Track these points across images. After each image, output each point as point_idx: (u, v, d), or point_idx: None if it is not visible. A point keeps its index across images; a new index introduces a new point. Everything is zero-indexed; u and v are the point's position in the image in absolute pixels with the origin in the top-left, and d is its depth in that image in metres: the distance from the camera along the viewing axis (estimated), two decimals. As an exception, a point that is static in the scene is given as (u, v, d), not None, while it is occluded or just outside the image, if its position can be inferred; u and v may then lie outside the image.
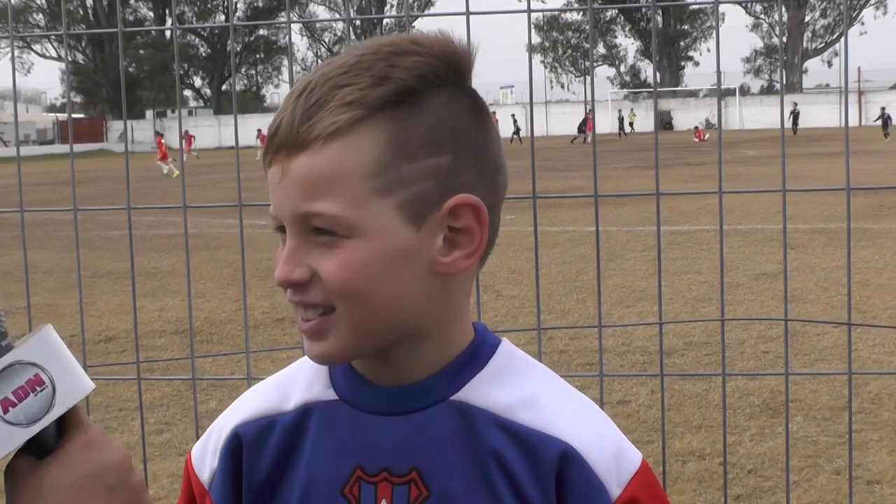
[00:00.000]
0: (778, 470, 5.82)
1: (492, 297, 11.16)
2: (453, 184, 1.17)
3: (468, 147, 1.19)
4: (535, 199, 2.62)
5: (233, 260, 14.60)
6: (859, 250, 13.17)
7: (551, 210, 19.32)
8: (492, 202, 1.21)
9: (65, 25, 3.03)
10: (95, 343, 9.57)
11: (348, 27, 2.89)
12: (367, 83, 1.15)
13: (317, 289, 1.16)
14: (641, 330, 9.15)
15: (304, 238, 1.17)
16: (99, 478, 1.09)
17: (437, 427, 1.21)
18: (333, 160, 1.14)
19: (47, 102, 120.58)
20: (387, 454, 1.22)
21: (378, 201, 1.15)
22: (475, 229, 1.19)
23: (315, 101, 1.16)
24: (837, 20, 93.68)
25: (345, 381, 1.26)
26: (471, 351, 1.25)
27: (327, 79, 1.17)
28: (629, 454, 1.24)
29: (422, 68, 1.17)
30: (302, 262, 1.17)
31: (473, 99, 1.22)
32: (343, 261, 1.15)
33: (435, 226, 1.17)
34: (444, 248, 1.18)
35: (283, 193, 1.17)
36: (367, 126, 1.14)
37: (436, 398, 1.22)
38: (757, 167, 30.74)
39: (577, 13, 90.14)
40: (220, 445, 1.31)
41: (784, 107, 2.76)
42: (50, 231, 19.01)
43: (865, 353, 8.24)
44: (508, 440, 1.20)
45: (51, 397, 1.05)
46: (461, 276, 1.21)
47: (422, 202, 1.16)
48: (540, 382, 1.25)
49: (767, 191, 2.69)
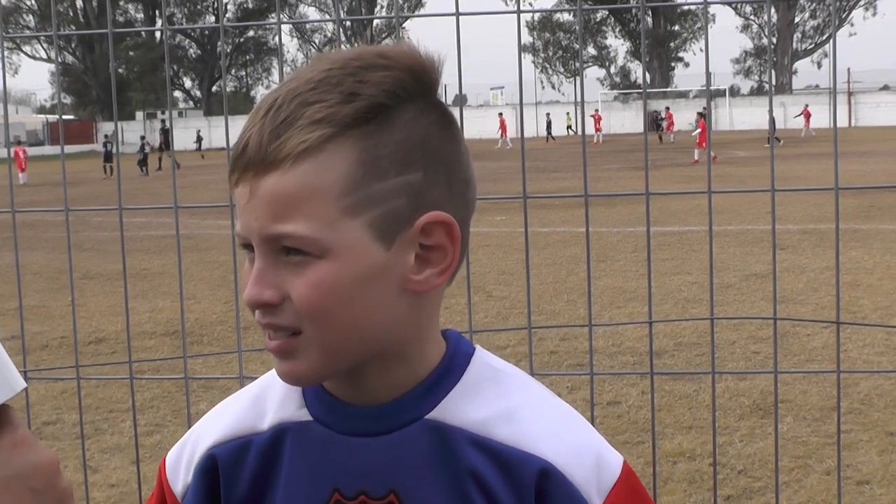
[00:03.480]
0: (768, 470, 5.83)
1: (482, 297, 11.16)
2: (424, 200, 1.15)
3: (438, 162, 1.17)
4: (525, 200, 2.63)
5: (224, 261, 14.59)
6: (849, 251, 13.20)
7: (542, 211, 19.33)
8: (462, 217, 1.19)
9: (54, 26, 3.03)
10: (86, 344, 9.55)
11: (338, 28, 2.89)
12: (336, 100, 1.13)
13: (287, 311, 1.15)
14: (631, 330, 9.16)
15: (273, 258, 1.14)
16: (24, 479, 1.05)
17: (414, 448, 1.20)
18: (303, 180, 1.12)
19: (37, 104, 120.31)
20: (363, 477, 1.20)
21: (348, 221, 1.13)
22: (447, 247, 1.17)
23: (283, 118, 1.13)
24: (827, 21, 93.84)
25: (318, 401, 1.24)
26: (443, 366, 1.23)
27: (295, 95, 1.14)
28: (609, 460, 1.21)
29: (391, 83, 1.15)
30: (272, 282, 1.14)
31: (441, 111, 1.20)
32: (314, 282, 1.13)
33: (406, 244, 1.15)
34: (415, 267, 1.16)
35: (251, 214, 1.14)
36: (337, 145, 1.12)
37: (410, 418, 1.20)
38: (746, 168, 30.81)
39: (568, 14, 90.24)
40: (195, 464, 1.30)
41: (773, 108, 2.77)
42: (40, 232, 18.97)
43: (855, 353, 8.26)
44: (486, 459, 1.18)
45: None
46: (432, 293, 1.20)
47: (393, 220, 1.14)
48: (516, 393, 1.23)
49: (757, 191, 2.70)
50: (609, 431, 6.52)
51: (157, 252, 16.21)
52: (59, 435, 7.02)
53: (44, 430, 7.11)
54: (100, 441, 6.86)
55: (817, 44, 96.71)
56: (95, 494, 5.93)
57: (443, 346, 1.25)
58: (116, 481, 6.15)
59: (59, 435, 7.02)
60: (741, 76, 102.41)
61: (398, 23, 2.83)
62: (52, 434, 7.04)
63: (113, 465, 6.42)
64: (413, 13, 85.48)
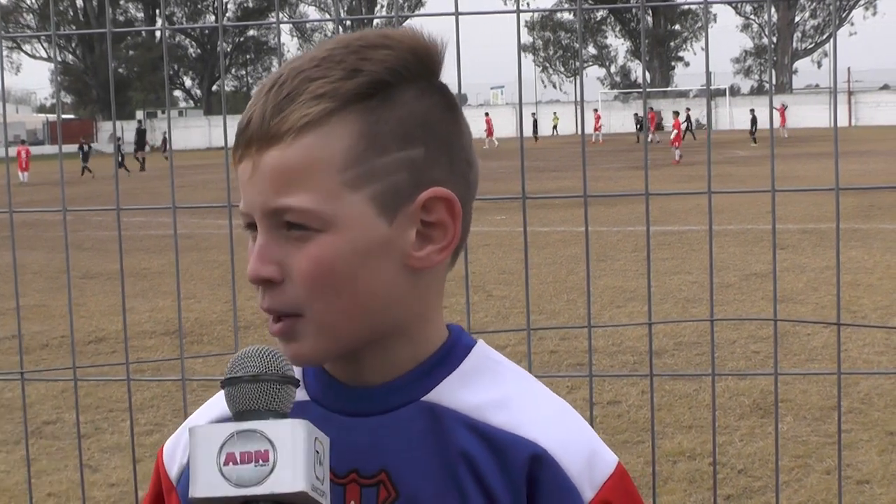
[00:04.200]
0: (768, 470, 5.83)
1: (482, 297, 11.16)
2: (425, 177, 1.16)
3: (440, 141, 1.18)
4: (524, 200, 2.62)
5: (223, 261, 14.58)
6: (849, 250, 13.20)
7: (541, 210, 19.33)
8: (463, 197, 1.20)
9: (53, 26, 3.02)
10: (85, 344, 9.55)
11: (338, 27, 2.89)
12: (339, 76, 1.14)
13: (287, 291, 1.15)
14: (631, 330, 9.16)
15: (275, 233, 1.15)
16: None
17: (407, 428, 1.20)
18: (305, 153, 1.13)
19: (37, 103, 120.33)
20: (356, 455, 1.21)
21: (350, 194, 1.14)
22: (448, 223, 1.18)
23: (286, 94, 1.14)
24: (827, 21, 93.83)
25: (316, 382, 1.25)
26: (443, 352, 1.23)
27: (298, 72, 1.16)
28: (604, 456, 1.21)
29: (393, 62, 1.16)
30: (274, 258, 1.15)
31: (444, 94, 1.21)
32: (315, 255, 1.14)
33: (408, 219, 1.16)
34: (416, 242, 1.17)
35: (254, 189, 1.15)
36: (339, 118, 1.13)
37: (406, 399, 1.21)
38: (746, 167, 30.78)
39: (568, 13, 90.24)
40: None
41: (773, 107, 2.76)
42: (40, 232, 18.97)
43: (855, 353, 8.26)
44: (478, 441, 1.19)
45: (266, 475, 1.07)
46: (433, 271, 1.20)
47: (394, 195, 1.15)
48: (512, 384, 1.24)
49: (757, 191, 2.70)
50: (609, 431, 6.52)
51: (156, 251, 16.21)
52: (59, 434, 7.02)
53: (44, 429, 7.11)
54: (100, 441, 6.86)
55: (817, 43, 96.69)
56: (95, 494, 5.93)
57: (445, 334, 1.25)
58: (116, 480, 6.15)
59: (59, 434, 7.02)
60: (741, 75, 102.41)
61: (398, 22, 2.83)
62: (51, 434, 7.04)
63: (113, 464, 6.42)
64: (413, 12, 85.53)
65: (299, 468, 1.07)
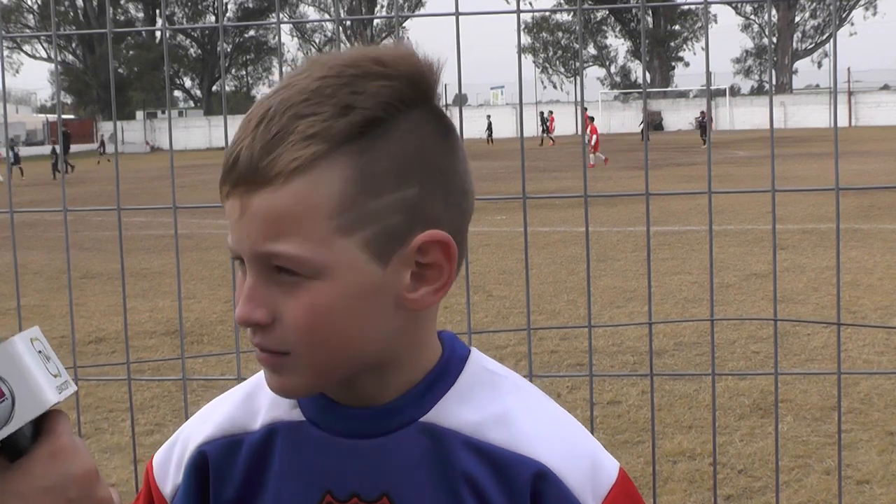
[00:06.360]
0: (768, 470, 5.83)
1: (482, 297, 11.16)
2: (420, 216, 1.13)
3: (435, 175, 1.14)
4: (525, 200, 2.63)
5: (223, 260, 14.57)
6: (849, 251, 13.20)
7: (542, 210, 19.32)
8: (459, 228, 1.17)
9: (54, 26, 3.02)
10: (86, 344, 9.55)
11: (338, 28, 2.89)
12: (330, 113, 1.10)
13: (277, 333, 1.13)
14: (632, 330, 9.16)
15: (265, 277, 1.12)
16: (60, 490, 1.06)
17: (407, 451, 1.19)
18: (295, 198, 1.09)
19: (37, 103, 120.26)
20: (356, 479, 1.19)
21: (342, 240, 1.10)
22: (443, 264, 1.15)
23: (275, 133, 1.10)
24: (827, 21, 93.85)
25: (311, 402, 1.23)
26: (439, 369, 1.21)
27: (287, 106, 1.10)
28: (605, 466, 1.20)
29: (388, 94, 1.11)
30: (263, 302, 1.12)
31: (440, 119, 1.17)
32: (308, 303, 1.11)
33: (402, 262, 1.13)
34: (410, 285, 1.14)
35: (242, 231, 1.12)
36: (330, 161, 1.09)
37: (404, 420, 1.19)
38: (747, 167, 30.78)
39: (568, 14, 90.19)
40: (185, 461, 1.28)
41: (773, 107, 2.77)
42: (40, 232, 18.96)
43: (855, 353, 8.26)
44: (480, 462, 1.17)
45: (10, 409, 1.03)
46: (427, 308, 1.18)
47: (388, 238, 1.12)
48: (510, 397, 1.22)
49: (757, 191, 2.70)
50: (609, 431, 6.52)
51: (157, 251, 16.21)
52: (59, 434, 7.02)
53: (44, 429, 7.11)
54: (100, 440, 6.87)
55: (817, 43, 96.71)
56: (95, 494, 5.93)
57: (438, 350, 1.23)
58: (116, 480, 6.15)
59: (59, 434, 7.02)
60: (741, 76, 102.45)
61: (398, 22, 2.83)
62: (51, 434, 7.04)
63: (113, 464, 6.42)
64: (413, 13, 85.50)
65: (37, 386, 1.05)
